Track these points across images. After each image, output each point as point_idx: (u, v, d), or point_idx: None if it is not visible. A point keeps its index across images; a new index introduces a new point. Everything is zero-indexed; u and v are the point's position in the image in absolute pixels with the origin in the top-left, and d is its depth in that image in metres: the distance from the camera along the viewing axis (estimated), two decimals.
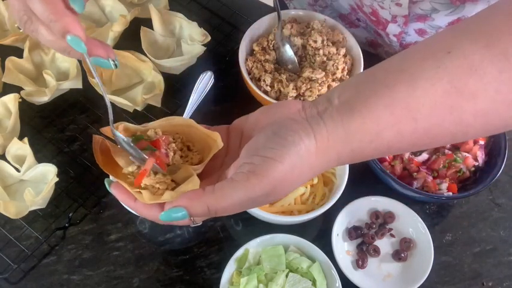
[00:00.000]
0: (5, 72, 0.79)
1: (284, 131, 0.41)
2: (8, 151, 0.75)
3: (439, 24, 0.82)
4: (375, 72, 0.44)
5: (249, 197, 0.40)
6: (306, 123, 0.42)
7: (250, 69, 0.86)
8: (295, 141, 0.40)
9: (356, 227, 0.77)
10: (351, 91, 0.43)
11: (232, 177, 0.40)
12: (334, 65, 0.84)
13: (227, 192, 0.40)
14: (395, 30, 0.86)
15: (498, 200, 0.83)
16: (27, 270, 0.72)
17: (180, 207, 0.40)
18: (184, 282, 0.74)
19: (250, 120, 0.48)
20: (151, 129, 0.48)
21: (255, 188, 0.39)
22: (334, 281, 0.70)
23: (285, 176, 0.40)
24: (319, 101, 0.44)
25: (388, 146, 0.42)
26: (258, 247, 0.72)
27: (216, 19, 0.96)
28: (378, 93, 0.41)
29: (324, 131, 0.41)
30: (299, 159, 0.40)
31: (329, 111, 0.42)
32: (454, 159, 0.78)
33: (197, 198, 0.40)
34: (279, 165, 0.39)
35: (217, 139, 0.47)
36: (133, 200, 0.44)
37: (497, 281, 0.76)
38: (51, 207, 0.76)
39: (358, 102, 0.41)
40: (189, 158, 0.48)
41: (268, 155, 0.40)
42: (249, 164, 0.40)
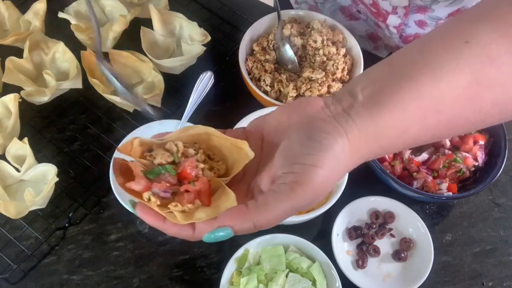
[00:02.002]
0: (5, 72, 0.79)
1: (317, 134, 0.40)
2: (8, 151, 0.76)
3: (439, 16, 0.82)
4: (396, 64, 0.44)
5: (294, 207, 0.39)
6: (336, 123, 0.41)
7: (250, 69, 0.86)
8: (331, 143, 0.39)
9: (356, 227, 0.77)
10: (375, 85, 0.42)
11: (275, 190, 0.39)
12: (334, 65, 0.84)
13: (273, 206, 0.38)
14: (395, 22, 0.86)
15: (498, 200, 0.83)
16: (27, 270, 0.72)
17: (225, 227, 0.39)
18: (184, 282, 0.74)
19: (269, 122, 0.46)
20: (170, 143, 0.44)
21: (300, 197, 0.38)
22: (334, 281, 0.70)
23: (325, 180, 0.39)
24: (342, 97, 0.43)
25: (414, 139, 0.43)
26: (258, 247, 0.72)
27: (216, 19, 0.96)
28: (403, 86, 0.41)
29: (355, 130, 0.40)
30: (336, 161, 0.39)
31: (355, 108, 0.41)
32: (454, 159, 0.78)
33: (242, 216, 0.39)
34: (320, 171, 0.38)
35: (245, 147, 0.44)
36: (162, 221, 0.41)
37: (497, 281, 0.76)
38: (51, 207, 0.76)
39: (384, 97, 0.41)
40: (216, 170, 0.45)
41: (308, 162, 0.39)
42: (291, 174, 0.39)
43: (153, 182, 0.42)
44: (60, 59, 0.85)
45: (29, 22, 0.88)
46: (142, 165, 0.43)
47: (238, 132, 0.47)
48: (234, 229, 0.39)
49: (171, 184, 0.42)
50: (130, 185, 0.41)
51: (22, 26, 0.87)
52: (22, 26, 0.87)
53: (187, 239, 0.42)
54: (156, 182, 0.42)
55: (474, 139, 0.80)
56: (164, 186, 0.42)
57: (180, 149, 0.44)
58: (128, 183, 0.41)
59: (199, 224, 0.40)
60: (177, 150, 0.44)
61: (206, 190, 0.42)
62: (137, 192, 0.42)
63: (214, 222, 0.39)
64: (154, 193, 0.42)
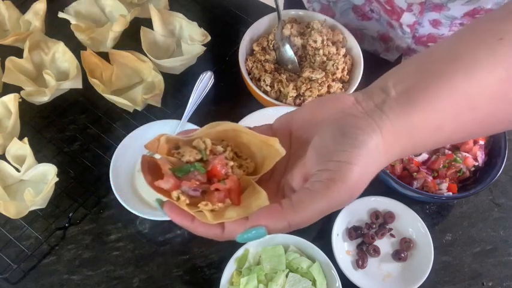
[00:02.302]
0: (5, 72, 0.79)
1: (351, 130, 0.39)
2: (8, 151, 0.75)
3: (455, 15, 0.81)
4: (428, 61, 0.43)
5: (330, 206, 0.38)
6: (369, 119, 0.40)
7: (250, 69, 0.86)
8: (365, 140, 0.38)
9: (356, 227, 0.77)
10: (407, 81, 0.41)
11: (309, 188, 0.38)
12: (334, 65, 0.84)
13: (308, 205, 0.37)
14: (409, 20, 0.85)
15: (498, 200, 0.83)
16: (27, 270, 0.72)
17: (259, 226, 0.38)
18: (184, 282, 0.74)
19: (297, 118, 0.45)
20: (197, 140, 0.43)
21: (336, 196, 0.37)
22: (334, 281, 0.70)
23: (361, 177, 0.38)
24: (373, 92, 0.42)
25: (447, 137, 0.42)
26: (258, 247, 0.72)
27: (216, 19, 0.96)
28: (437, 83, 0.40)
29: (388, 126, 0.39)
30: (371, 158, 0.38)
31: (388, 104, 0.40)
32: (454, 159, 0.78)
33: (276, 215, 0.38)
34: (356, 168, 0.37)
35: (276, 144, 0.42)
36: (190, 220, 0.40)
37: (497, 281, 0.76)
38: (51, 207, 0.76)
39: (418, 93, 0.40)
40: (245, 168, 0.44)
41: (343, 159, 0.38)
42: (325, 171, 0.38)
43: (182, 180, 0.41)
44: (60, 59, 0.85)
45: (29, 22, 0.88)
46: (170, 163, 0.42)
47: (265, 129, 0.45)
48: (268, 229, 0.38)
49: (201, 182, 0.41)
50: (159, 183, 0.40)
51: (22, 26, 0.87)
52: (22, 26, 0.87)
53: (215, 239, 0.41)
54: (185, 180, 0.41)
55: (474, 139, 0.80)
56: (194, 185, 0.40)
57: (208, 146, 0.42)
58: (157, 182, 0.40)
59: (229, 224, 0.39)
60: (205, 147, 0.42)
61: (236, 189, 0.41)
62: (166, 191, 0.40)
63: (248, 222, 0.38)
64: (183, 191, 0.40)
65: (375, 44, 1.00)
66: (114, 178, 0.74)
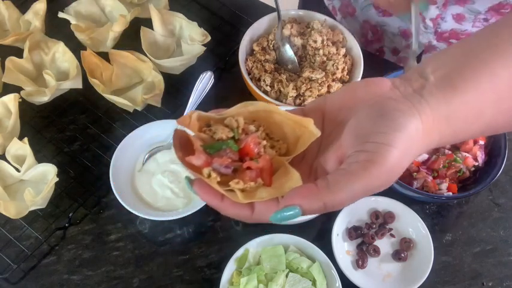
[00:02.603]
0: (5, 72, 0.79)
1: (391, 112, 0.38)
2: (8, 151, 0.75)
3: (479, 9, 0.81)
4: (468, 48, 0.43)
5: (367, 188, 0.36)
6: (408, 102, 0.39)
7: (250, 69, 0.86)
8: (405, 123, 0.37)
9: (356, 227, 0.77)
10: (447, 67, 0.41)
11: (346, 169, 0.37)
12: (334, 65, 0.84)
13: (344, 186, 0.36)
14: (432, 14, 0.85)
15: (498, 200, 0.83)
16: (27, 270, 0.72)
17: (294, 206, 0.37)
18: (184, 282, 0.74)
19: (331, 101, 0.44)
20: (229, 118, 0.42)
21: (373, 178, 0.36)
22: (334, 281, 0.70)
23: (399, 161, 0.37)
24: (411, 78, 0.41)
25: (486, 124, 0.41)
26: (257, 247, 0.72)
27: (216, 19, 0.96)
28: (477, 69, 0.40)
29: (427, 110, 0.38)
30: (410, 142, 0.37)
31: (428, 89, 0.39)
32: (454, 159, 0.78)
33: (312, 195, 0.36)
34: (395, 151, 0.36)
35: (310, 126, 0.41)
36: (219, 199, 0.39)
37: (497, 281, 0.76)
38: (51, 207, 0.76)
39: (458, 79, 0.40)
40: (277, 149, 0.43)
41: (382, 141, 0.36)
42: (363, 152, 0.37)
43: (214, 157, 0.40)
44: (60, 59, 0.86)
45: (29, 22, 0.88)
46: (201, 140, 0.41)
47: (297, 112, 0.44)
48: (303, 208, 0.37)
49: (233, 160, 0.40)
50: (190, 159, 0.39)
51: (22, 26, 0.87)
52: (22, 26, 0.87)
53: (244, 221, 0.40)
54: (217, 157, 0.40)
55: (474, 139, 0.80)
56: (226, 162, 0.39)
57: (241, 124, 0.41)
58: (188, 158, 0.39)
59: (259, 205, 0.39)
60: (237, 125, 0.41)
61: (268, 168, 0.40)
62: (196, 167, 0.40)
63: (281, 201, 0.37)
64: (214, 169, 0.39)
65: (395, 40, 0.98)
66: (114, 178, 0.74)
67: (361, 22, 0.99)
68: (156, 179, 0.77)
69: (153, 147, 0.80)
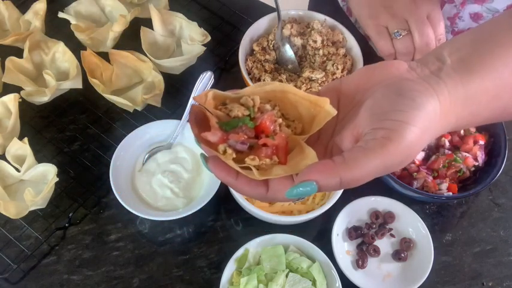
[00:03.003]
0: (5, 72, 0.79)
1: (409, 92, 0.38)
2: (8, 151, 0.75)
3: (497, 7, 0.80)
4: (485, 32, 0.43)
5: (384, 165, 0.36)
6: (426, 83, 0.39)
7: (250, 69, 0.86)
8: (423, 102, 0.37)
9: (356, 227, 0.77)
10: (464, 50, 0.41)
11: (363, 146, 0.37)
12: (334, 65, 0.84)
13: (362, 162, 0.36)
14: (450, 12, 0.84)
15: (498, 200, 0.83)
16: (27, 270, 0.72)
17: (310, 181, 0.36)
18: (184, 282, 0.74)
19: (347, 83, 0.44)
20: (245, 97, 0.42)
21: (391, 154, 0.36)
22: (334, 281, 0.69)
23: (418, 140, 0.37)
24: (428, 60, 0.41)
25: (503, 107, 0.42)
26: (258, 247, 0.72)
27: (216, 19, 0.96)
28: (495, 52, 0.40)
29: (445, 92, 0.38)
30: (429, 121, 0.37)
31: (445, 71, 0.40)
32: (454, 159, 0.78)
33: (329, 170, 0.36)
34: (414, 129, 0.36)
35: (326, 105, 0.41)
36: (234, 177, 0.39)
37: (497, 281, 0.76)
38: (51, 207, 0.76)
39: (475, 62, 0.40)
40: (292, 128, 0.43)
41: (400, 119, 0.36)
42: (381, 130, 0.36)
43: (230, 133, 0.40)
44: (60, 59, 0.85)
45: (29, 22, 0.88)
46: (217, 117, 0.41)
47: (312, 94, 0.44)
48: (319, 184, 0.36)
49: (249, 137, 0.40)
50: (206, 135, 0.39)
51: (22, 26, 0.87)
52: (22, 26, 0.87)
53: (258, 200, 0.40)
54: (233, 133, 0.40)
55: (474, 139, 0.80)
56: (242, 138, 0.39)
57: (257, 103, 0.42)
58: (204, 134, 0.39)
59: (274, 183, 0.38)
60: (253, 104, 0.41)
61: (284, 147, 0.40)
62: (212, 144, 0.39)
63: (297, 177, 0.37)
64: (230, 145, 0.39)
65: None
66: (114, 178, 0.74)
67: None
68: (156, 179, 0.77)
69: (153, 147, 0.80)
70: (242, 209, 0.74)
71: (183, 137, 0.80)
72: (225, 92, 0.42)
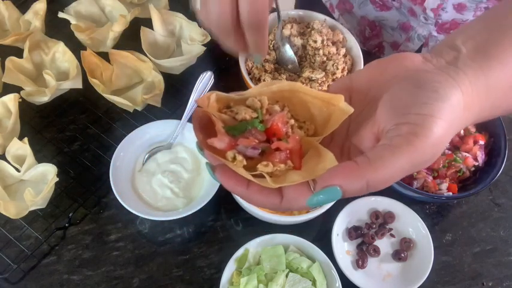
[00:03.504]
0: (5, 72, 0.79)
1: (429, 84, 0.35)
2: (8, 151, 0.75)
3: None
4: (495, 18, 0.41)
5: (412, 163, 0.33)
6: (445, 74, 0.36)
7: (250, 69, 0.86)
8: (447, 94, 0.35)
9: (356, 227, 0.77)
10: (477, 38, 0.39)
11: (387, 143, 0.34)
12: (334, 65, 0.84)
13: (388, 162, 0.33)
14: (433, 3, 0.84)
15: (498, 200, 0.83)
16: (27, 270, 0.72)
17: (334, 186, 0.33)
18: (184, 282, 0.74)
19: (358, 79, 0.41)
20: (251, 98, 0.38)
21: (419, 152, 0.33)
22: (334, 281, 0.70)
23: (445, 134, 0.34)
24: (441, 50, 0.39)
25: None
26: (258, 247, 0.72)
27: None
28: (509, 36, 0.38)
29: (466, 82, 0.36)
30: (455, 113, 0.35)
31: (462, 60, 0.38)
32: (454, 159, 0.78)
33: (354, 173, 0.33)
34: (441, 122, 0.34)
35: (341, 103, 0.37)
36: (244, 186, 0.36)
37: (497, 281, 0.76)
38: (51, 207, 0.76)
39: (491, 49, 0.38)
40: (305, 130, 0.40)
41: (425, 112, 0.34)
42: (406, 125, 0.34)
43: (238, 138, 0.36)
44: (60, 59, 0.85)
45: (29, 22, 0.88)
46: (223, 121, 0.37)
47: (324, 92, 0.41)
48: (343, 189, 0.33)
49: (260, 141, 0.36)
50: (213, 141, 0.36)
51: (22, 26, 0.87)
52: (22, 26, 0.87)
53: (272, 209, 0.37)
54: (242, 138, 0.36)
55: (474, 139, 0.80)
56: (252, 143, 0.36)
57: (265, 104, 0.38)
58: (210, 140, 0.36)
59: (289, 191, 0.35)
60: (261, 106, 0.38)
61: (297, 150, 0.37)
62: (219, 151, 0.36)
63: (319, 182, 0.34)
64: (239, 151, 0.36)
65: (395, 34, 0.98)
66: (114, 178, 0.74)
67: (358, 18, 0.99)
68: (156, 179, 0.77)
69: (153, 147, 0.80)
70: (242, 209, 0.74)
71: (183, 137, 0.81)
72: (228, 94, 0.39)
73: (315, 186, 0.34)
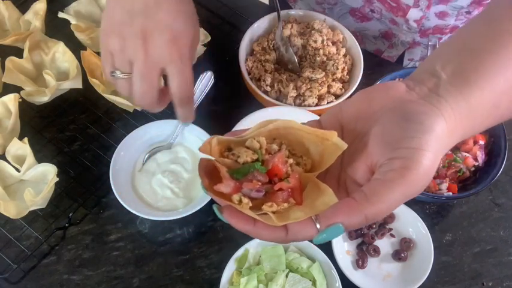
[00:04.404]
0: (5, 72, 0.79)
1: (415, 116, 0.38)
2: (8, 151, 0.75)
3: (462, 4, 0.81)
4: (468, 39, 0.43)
5: (406, 195, 0.36)
6: (428, 104, 0.39)
7: (250, 69, 0.86)
8: (432, 125, 0.37)
9: None
10: (455, 62, 0.41)
11: (381, 178, 0.37)
12: (334, 65, 0.84)
13: (384, 195, 0.36)
14: (416, 15, 0.84)
15: (498, 200, 0.83)
16: (27, 270, 0.72)
17: (337, 224, 0.36)
18: (184, 282, 0.74)
19: (347, 110, 0.43)
20: (250, 139, 0.41)
21: (411, 184, 0.36)
22: (334, 281, 0.70)
23: (433, 163, 0.37)
24: (422, 77, 0.41)
25: (501, 115, 0.42)
26: (258, 247, 0.72)
27: (216, 19, 0.96)
28: (485, 60, 0.40)
29: (449, 109, 0.38)
30: (440, 143, 0.38)
31: (443, 87, 0.40)
32: (454, 159, 0.78)
33: (353, 210, 0.36)
34: (428, 154, 0.36)
35: (334, 138, 0.40)
36: (252, 225, 0.38)
37: (497, 281, 0.76)
38: (51, 207, 0.76)
39: (469, 73, 0.40)
40: (302, 165, 0.42)
41: (414, 146, 0.36)
42: (397, 159, 0.36)
43: (242, 182, 0.39)
44: (60, 59, 0.85)
45: (29, 22, 0.88)
46: (226, 166, 0.40)
47: (313, 124, 0.43)
48: (345, 225, 0.36)
49: (263, 183, 0.39)
50: (219, 187, 0.38)
51: (22, 26, 0.87)
52: (22, 26, 0.87)
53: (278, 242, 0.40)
54: (246, 181, 0.39)
55: (474, 139, 0.80)
56: (256, 186, 0.38)
57: (263, 145, 0.41)
58: (216, 186, 0.38)
59: (293, 225, 0.38)
60: (260, 146, 0.41)
61: (298, 187, 0.40)
62: (225, 195, 0.39)
63: (322, 221, 0.36)
64: (244, 194, 0.38)
65: (377, 42, 0.99)
66: (114, 178, 0.74)
67: None
68: (156, 179, 0.77)
69: (153, 147, 0.80)
70: None
71: (183, 137, 0.80)
72: (228, 137, 0.41)
73: (320, 225, 0.36)
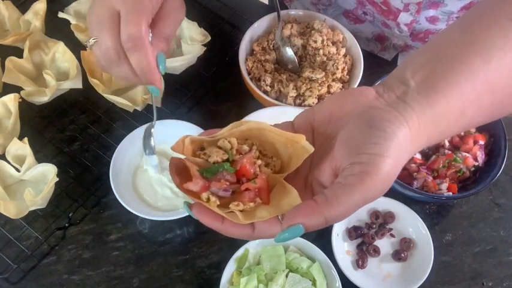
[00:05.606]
0: (5, 72, 0.79)
1: (379, 122, 0.39)
2: (8, 151, 0.75)
3: (452, 9, 0.81)
4: (441, 47, 0.43)
5: (364, 199, 0.38)
6: (394, 111, 0.40)
7: (250, 69, 0.86)
8: (394, 132, 0.39)
9: (356, 227, 0.77)
10: (425, 70, 0.42)
11: (342, 182, 0.38)
12: (334, 65, 0.84)
13: (343, 199, 0.37)
14: (407, 19, 0.85)
15: (498, 200, 0.83)
16: (27, 270, 0.72)
17: (297, 225, 0.38)
18: (184, 282, 0.74)
19: (319, 113, 0.45)
20: (222, 139, 0.42)
21: (371, 188, 0.37)
22: (334, 281, 0.70)
23: (393, 169, 0.38)
24: (392, 84, 0.42)
25: (469, 122, 0.43)
26: (258, 247, 0.72)
27: (216, 19, 0.96)
28: (456, 69, 0.41)
29: (414, 117, 0.40)
30: (401, 149, 0.39)
31: (411, 95, 0.41)
32: (454, 159, 0.78)
33: (313, 212, 0.38)
34: (388, 160, 0.38)
35: (303, 141, 0.42)
36: (220, 222, 0.40)
37: (497, 281, 0.76)
38: (51, 207, 0.76)
39: (438, 81, 0.40)
40: (271, 166, 0.44)
41: (375, 151, 0.38)
42: (358, 164, 0.38)
43: (211, 181, 0.40)
44: (60, 59, 0.85)
45: (29, 22, 0.88)
46: (197, 165, 0.41)
47: (285, 126, 0.45)
48: (305, 226, 0.38)
49: (231, 183, 0.41)
50: (188, 185, 0.40)
51: (22, 26, 0.87)
52: (22, 26, 0.87)
53: (245, 239, 0.41)
54: (214, 181, 0.40)
55: (474, 139, 0.80)
56: (224, 185, 0.40)
57: (234, 145, 0.42)
58: (186, 184, 0.40)
59: (260, 223, 0.39)
60: (231, 147, 0.42)
61: (265, 187, 0.41)
62: (195, 193, 0.40)
63: (284, 221, 0.38)
64: (213, 193, 0.40)
65: (370, 45, 0.99)
66: (114, 178, 0.74)
67: None
68: (156, 179, 0.77)
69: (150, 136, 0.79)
70: None
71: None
72: (201, 136, 0.43)
73: (282, 225, 0.38)
